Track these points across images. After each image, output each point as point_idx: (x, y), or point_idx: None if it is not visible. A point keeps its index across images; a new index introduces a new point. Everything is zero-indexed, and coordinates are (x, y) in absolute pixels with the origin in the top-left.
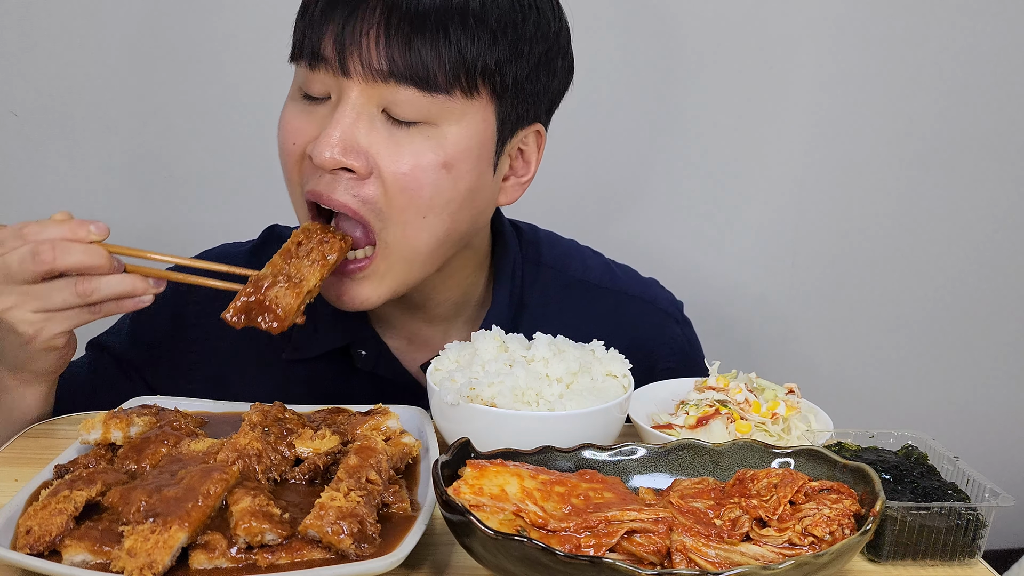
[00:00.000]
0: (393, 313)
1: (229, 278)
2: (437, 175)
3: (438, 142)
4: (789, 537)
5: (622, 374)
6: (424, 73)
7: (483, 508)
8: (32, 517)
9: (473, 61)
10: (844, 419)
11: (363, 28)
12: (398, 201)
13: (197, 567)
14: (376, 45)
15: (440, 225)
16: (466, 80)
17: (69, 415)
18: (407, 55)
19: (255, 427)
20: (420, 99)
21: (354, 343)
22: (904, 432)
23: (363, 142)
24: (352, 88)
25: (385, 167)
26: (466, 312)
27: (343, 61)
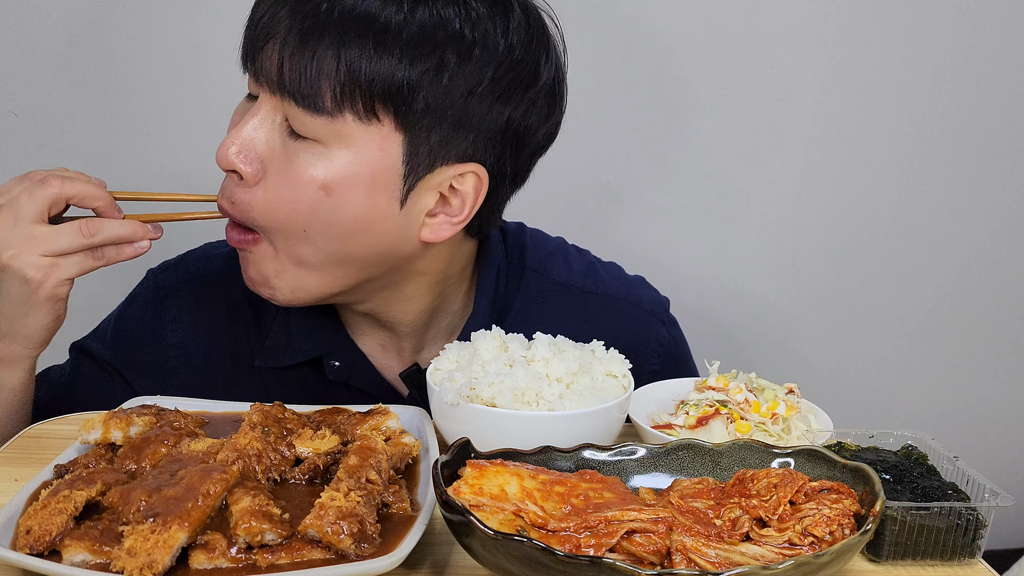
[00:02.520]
0: (361, 322)
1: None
2: (315, 195)
3: (323, 163)
4: (789, 537)
5: (622, 374)
6: (308, 91)
7: (483, 508)
8: (32, 517)
9: (367, 82)
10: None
11: (269, 37)
12: (279, 213)
13: (197, 567)
14: (276, 56)
15: (326, 244)
16: (362, 103)
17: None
18: (295, 70)
19: (255, 427)
20: (307, 117)
21: (328, 354)
22: (904, 432)
23: (260, 149)
24: (263, 95)
25: (271, 177)
26: (443, 322)
27: (256, 69)
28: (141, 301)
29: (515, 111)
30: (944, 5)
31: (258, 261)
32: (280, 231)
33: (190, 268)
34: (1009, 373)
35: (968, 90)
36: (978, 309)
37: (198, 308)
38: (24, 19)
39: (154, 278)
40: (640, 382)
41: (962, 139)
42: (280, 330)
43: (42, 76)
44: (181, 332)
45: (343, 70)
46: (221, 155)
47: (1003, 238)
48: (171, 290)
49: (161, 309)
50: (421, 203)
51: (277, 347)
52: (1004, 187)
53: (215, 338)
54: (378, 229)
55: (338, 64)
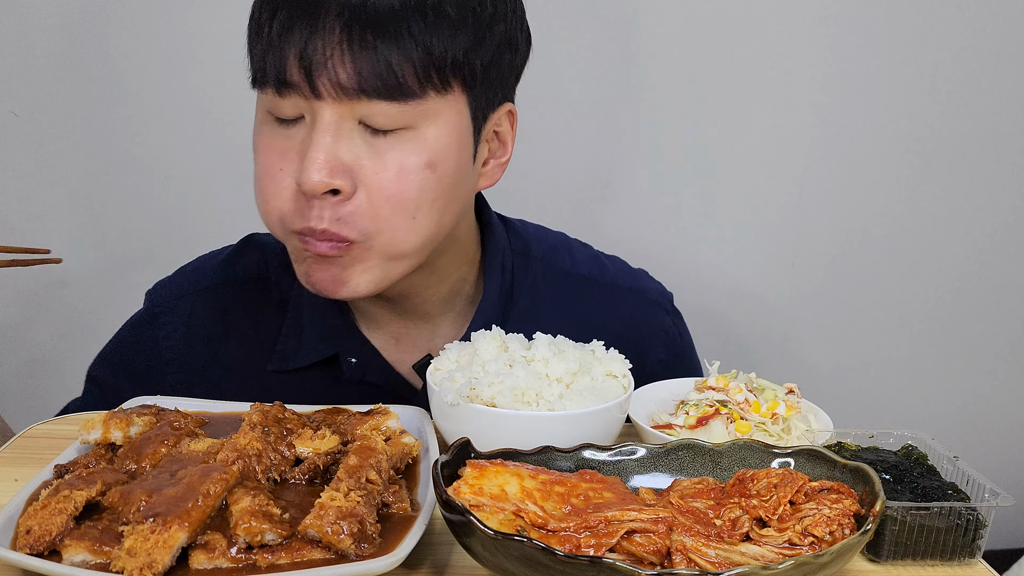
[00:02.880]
0: (380, 312)
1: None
2: (422, 176)
3: (419, 144)
4: (789, 537)
5: (622, 374)
6: (394, 82)
7: (483, 508)
8: (32, 517)
9: (441, 57)
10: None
11: (326, 47)
12: (384, 210)
13: (197, 567)
14: (342, 63)
15: (428, 224)
16: (437, 78)
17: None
18: (374, 67)
19: (255, 427)
20: (394, 109)
21: (343, 352)
22: (904, 432)
23: (346, 159)
24: (325, 108)
25: (369, 179)
26: (455, 308)
27: (312, 84)
28: (135, 321)
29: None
30: (944, 5)
31: (346, 264)
32: (388, 227)
33: (182, 283)
34: (1009, 373)
35: (968, 90)
36: (978, 309)
37: (191, 322)
38: (24, 19)
39: (148, 298)
40: (646, 372)
41: (962, 139)
42: (291, 333)
43: (42, 76)
44: (175, 348)
45: (420, 52)
46: (312, 183)
47: (1003, 238)
48: (165, 307)
49: (155, 327)
50: (481, 154)
51: (289, 350)
52: (1004, 187)
53: (211, 350)
54: (463, 190)
55: (415, 47)
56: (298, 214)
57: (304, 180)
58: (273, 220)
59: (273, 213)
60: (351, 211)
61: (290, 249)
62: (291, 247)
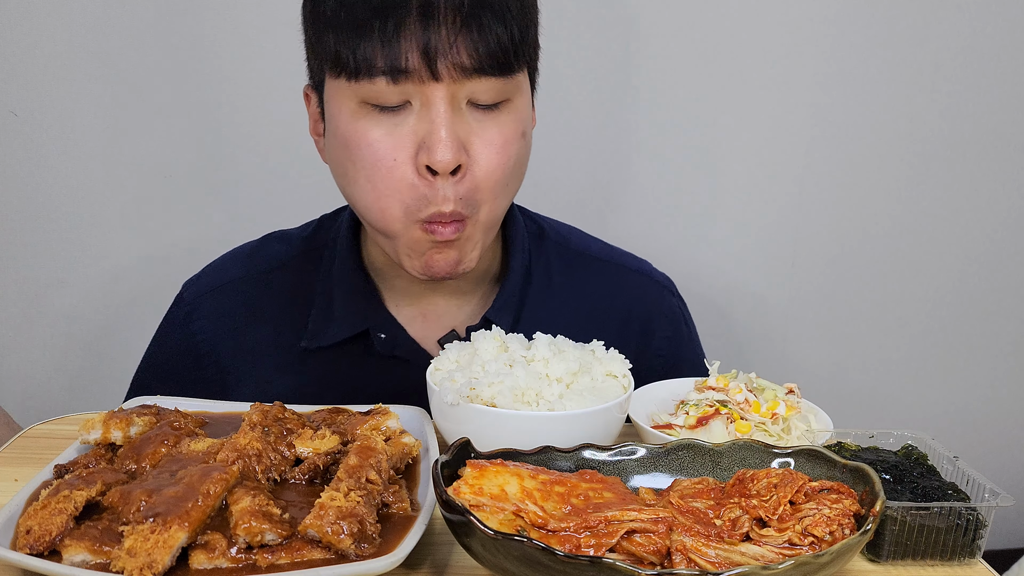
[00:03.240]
0: (415, 290)
1: None
2: (519, 145)
3: (514, 115)
4: (789, 537)
5: (622, 374)
6: (503, 59)
7: (483, 508)
8: (32, 517)
9: (525, 31)
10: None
11: (446, 31)
12: (489, 181)
13: (197, 567)
14: (463, 45)
15: (514, 191)
16: (524, 52)
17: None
18: (488, 47)
19: (255, 427)
20: (499, 84)
21: (373, 327)
22: (904, 432)
23: (462, 136)
24: (441, 89)
25: (479, 152)
26: (483, 285)
27: (433, 68)
28: (168, 323)
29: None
30: (944, 5)
31: (462, 243)
32: (491, 196)
33: (209, 280)
34: (1009, 373)
35: (968, 90)
36: (978, 309)
37: (220, 315)
38: (24, 19)
39: (178, 298)
40: (652, 348)
41: (962, 139)
42: (320, 313)
43: (42, 76)
44: (209, 342)
45: (516, 29)
46: (446, 161)
47: (1003, 238)
48: (194, 305)
49: (188, 323)
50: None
51: (320, 328)
52: (1004, 187)
53: (242, 339)
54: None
55: (514, 24)
56: (424, 201)
57: (438, 160)
58: (394, 214)
59: (395, 206)
60: (467, 187)
61: (405, 243)
62: (409, 239)
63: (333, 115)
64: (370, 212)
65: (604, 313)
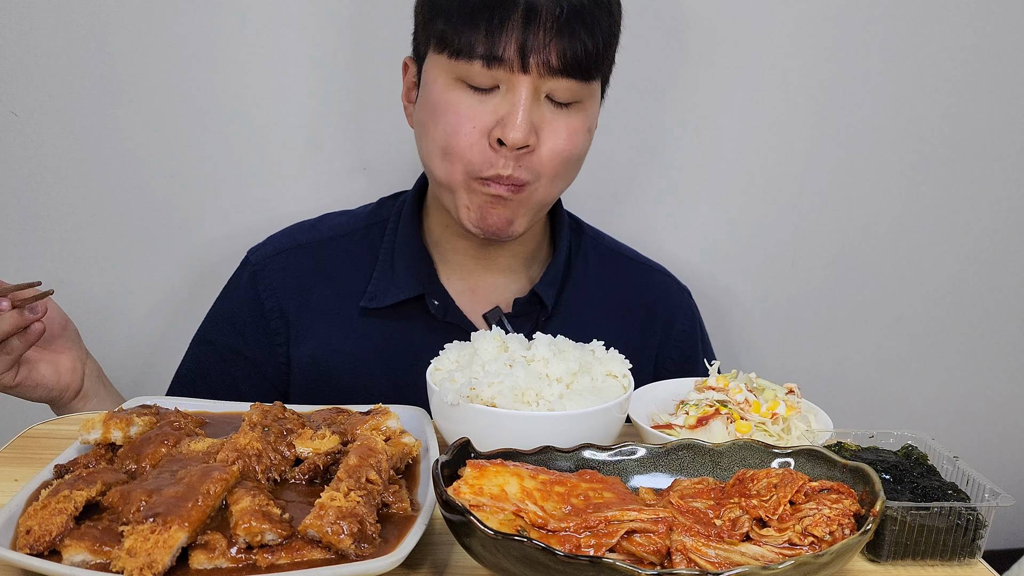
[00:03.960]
0: (468, 264)
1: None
2: (583, 139)
3: (584, 115)
4: (789, 537)
5: (622, 374)
6: (586, 65)
7: (483, 508)
8: (32, 517)
9: (606, 48)
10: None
11: (543, 34)
12: (553, 162)
13: (197, 567)
14: (555, 49)
15: (571, 178)
16: (603, 65)
17: (69, 415)
18: (576, 53)
19: (255, 427)
20: (577, 86)
21: (428, 293)
22: (904, 432)
23: (535, 121)
24: (528, 81)
25: (547, 138)
26: (529, 267)
27: (525, 63)
28: (236, 282)
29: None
30: (944, 5)
31: (516, 205)
32: (549, 176)
33: (276, 244)
34: (1009, 373)
35: (968, 90)
36: (978, 309)
37: (286, 274)
38: (24, 19)
39: (245, 261)
40: (673, 340)
41: (962, 139)
42: (382, 276)
43: (42, 76)
44: (275, 297)
45: (601, 45)
46: (518, 140)
47: (1003, 238)
48: (262, 264)
49: (255, 281)
50: None
51: (380, 290)
52: (1004, 187)
53: (305, 298)
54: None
55: (601, 36)
56: (487, 164)
57: (512, 136)
58: (458, 168)
59: (461, 162)
60: (531, 162)
61: (464, 196)
62: (467, 192)
63: (428, 83)
64: (439, 167)
65: (632, 303)
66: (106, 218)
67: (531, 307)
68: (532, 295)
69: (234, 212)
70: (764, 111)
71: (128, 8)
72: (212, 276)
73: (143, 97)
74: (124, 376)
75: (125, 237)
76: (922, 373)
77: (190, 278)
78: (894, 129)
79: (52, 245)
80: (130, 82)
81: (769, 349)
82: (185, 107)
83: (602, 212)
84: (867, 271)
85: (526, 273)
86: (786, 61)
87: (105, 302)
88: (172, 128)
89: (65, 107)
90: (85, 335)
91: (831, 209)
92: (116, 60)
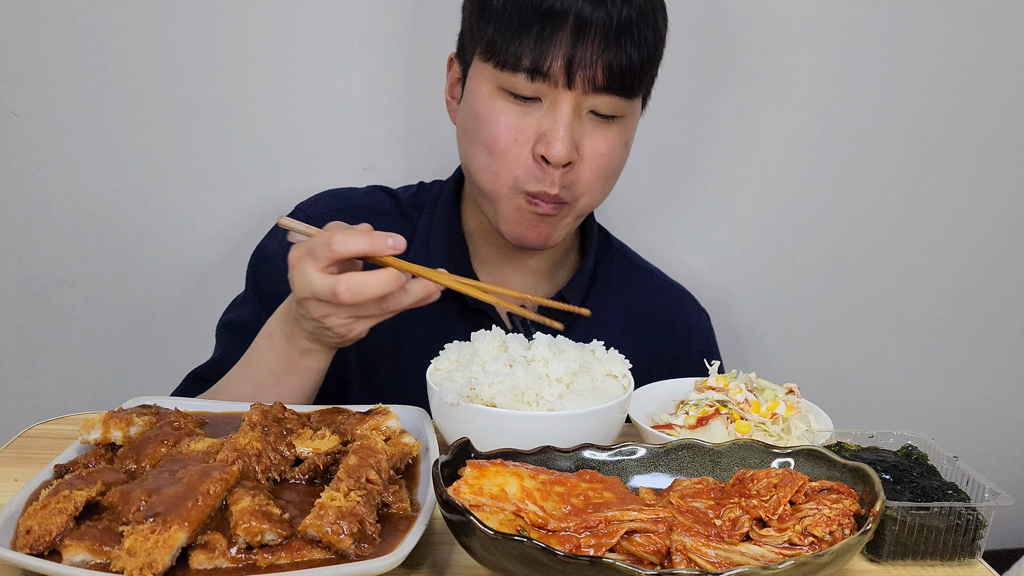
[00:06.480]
0: (496, 260)
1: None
2: (622, 153)
3: (624, 128)
4: (789, 537)
5: (622, 374)
6: (630, 83)
7: (483, 508)
8: (32, 517)
9: (651, 65)
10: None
11: (591, 52)
12: (592, 177)
13: (197, 567)
14: (602, 67)
15: (609, 189)
16: (647, 81)
17: (69, 415)
18: (622, 71)
19: (255, 427)
20: (620, 102)
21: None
22: (904, 432)
23: (576, 137)
24: (571, 97)
25: (588, 153)
26: (558, 270)
27: (571, 79)
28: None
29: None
30: (944, 5)
31: (557, 222)
32: (590, 191)
33: (329, 202)
34: (1009, 373)
35: (968, 90)
36: (978, 309)
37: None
38: (24, 19)
39: (300, 212)
40: (688, 359)
41: (962, 139)
42: (418, 252)
43: (42, 76)
44: None
45: (647, 63)
46: (561, 157)
47: (1003, 238)
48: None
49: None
50: None
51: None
52: (1004, 187)
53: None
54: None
55: (646, 55)
56: (534, 179)
57: (555, 154)
58: (505, 180)
59: (507, 175)
60: (573, 179)
61: (507, 208)
62: (511, 206)
63: (472, 89)
64: (482, 175)
65: (652, 318)
66: (106, 218)
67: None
68: (558, 297)
69: (234, 212)
70: (764, 111)
71: (128, 8)
72: (212, 276)
73: (143, 97)
74: (124, 376)
75: (125, 237)
76: (922, 373)
77: (190, 278)
78: (894, 129)
79: (52, 245)
80: (130, 82)
81: (769, 349)
82: (185, 107)
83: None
84: (867, 271)
85: (553, 276)
86: (786, 60)
87: (105, 302)
88: (172, 128)
89: (65, 107)
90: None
91: (831, 209)
92: (116, 60)
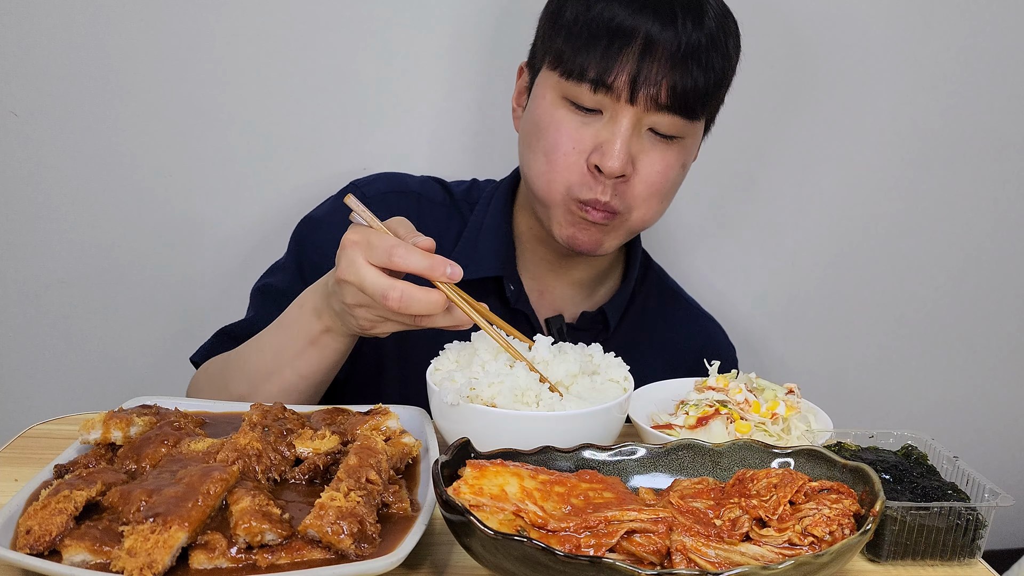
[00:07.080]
0: (541, 267)
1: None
2: (678, 173)
3: (682, 149)
4: (789, 537)
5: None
6: (692, 104)
7: (483, 508)
8: (32, 517)
9: (716, 89)
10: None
11: (657, 70)
12: (643, 195)
13: (197, 567)
14: (665, 87)
15: (664, 208)
16: (711, 105)
17: (69, 415)
18: (685, 92)
19: (255, 427)
20: (680, 123)
21: (506, 277)
22: (904, 432)
23: (633, 152)
24: (632, 112)
25: (645, 169)
26: (599, 285)
27: (634, 95)
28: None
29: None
30: (944, 5)
31: (606, 231)
32: (642, 207)
33: (387, 183)
34: (1009, 373)
35: (968, 90)
36: (978, 309)
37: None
38: (24, 19)
39: (356, 190)
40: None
41: (962, 139)
42: (464, 252)
43: (42, 76)
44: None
45: (712, 87)
46: (615, 169)
47: (1003, 238)
48: (375, 199)
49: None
50: None
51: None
52: (1004, 187)
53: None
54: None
55: (713, 78)
56: (586, 187)
57: (609, 165)
58: (559, 187)
59: (562, 182)
60: (625, 190)
61: (560, 213)
62: (564, 210)
63: (537, 97)
64: (538, 180)
65: (683, 344)
66: (106, 218)
67: (594, 323)
68: (600, 313)
69: (234, 212)
70: (763, 110)
71: (128, 8)
72: (212, 276)
73: (143, 97)
74: (124, 376)
75: (125, 237)
76: (922, 373)
77: (190, 278)
78: (894, 129)
79: (52, 245)
80: (130, 82)
81: (769, 349)
82: (185, 107)
83: None
84: (867, 271)
85: (593, 290)
86: (786, 60)
87: (105, 302)
88: (172, 128)
89: (65, 107)
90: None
91: (831, 209)
92: (116, 60)
